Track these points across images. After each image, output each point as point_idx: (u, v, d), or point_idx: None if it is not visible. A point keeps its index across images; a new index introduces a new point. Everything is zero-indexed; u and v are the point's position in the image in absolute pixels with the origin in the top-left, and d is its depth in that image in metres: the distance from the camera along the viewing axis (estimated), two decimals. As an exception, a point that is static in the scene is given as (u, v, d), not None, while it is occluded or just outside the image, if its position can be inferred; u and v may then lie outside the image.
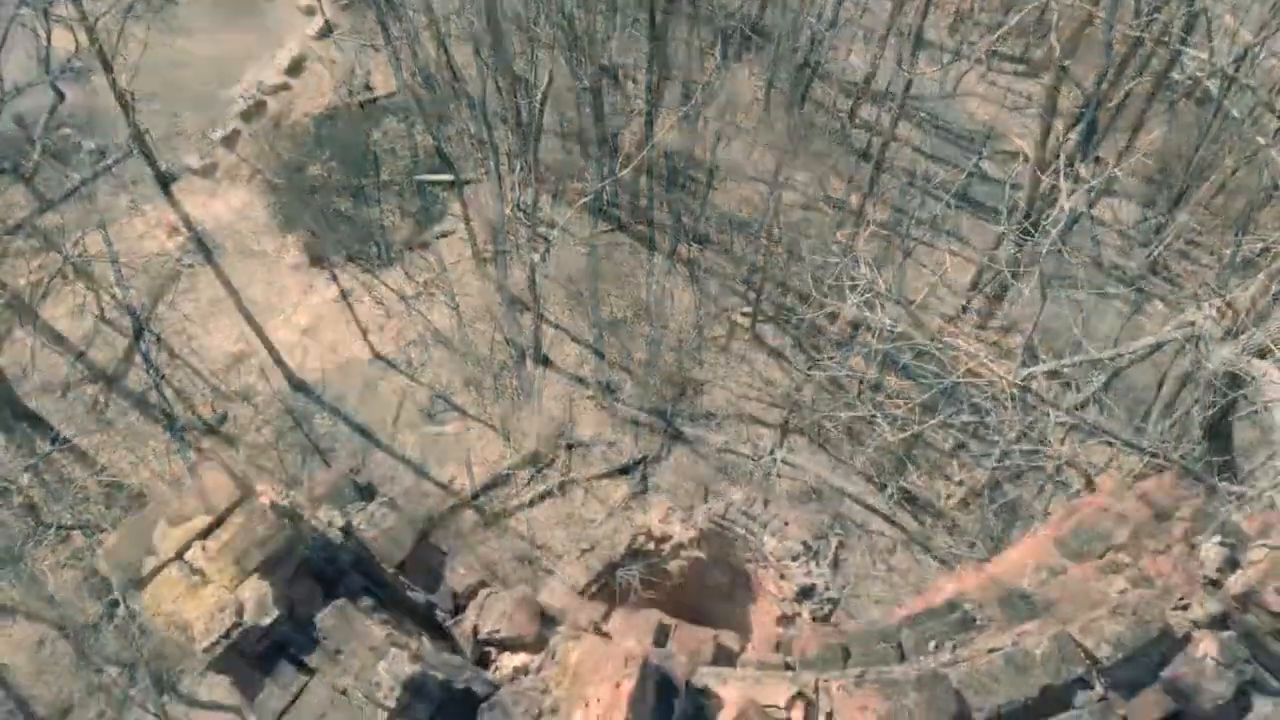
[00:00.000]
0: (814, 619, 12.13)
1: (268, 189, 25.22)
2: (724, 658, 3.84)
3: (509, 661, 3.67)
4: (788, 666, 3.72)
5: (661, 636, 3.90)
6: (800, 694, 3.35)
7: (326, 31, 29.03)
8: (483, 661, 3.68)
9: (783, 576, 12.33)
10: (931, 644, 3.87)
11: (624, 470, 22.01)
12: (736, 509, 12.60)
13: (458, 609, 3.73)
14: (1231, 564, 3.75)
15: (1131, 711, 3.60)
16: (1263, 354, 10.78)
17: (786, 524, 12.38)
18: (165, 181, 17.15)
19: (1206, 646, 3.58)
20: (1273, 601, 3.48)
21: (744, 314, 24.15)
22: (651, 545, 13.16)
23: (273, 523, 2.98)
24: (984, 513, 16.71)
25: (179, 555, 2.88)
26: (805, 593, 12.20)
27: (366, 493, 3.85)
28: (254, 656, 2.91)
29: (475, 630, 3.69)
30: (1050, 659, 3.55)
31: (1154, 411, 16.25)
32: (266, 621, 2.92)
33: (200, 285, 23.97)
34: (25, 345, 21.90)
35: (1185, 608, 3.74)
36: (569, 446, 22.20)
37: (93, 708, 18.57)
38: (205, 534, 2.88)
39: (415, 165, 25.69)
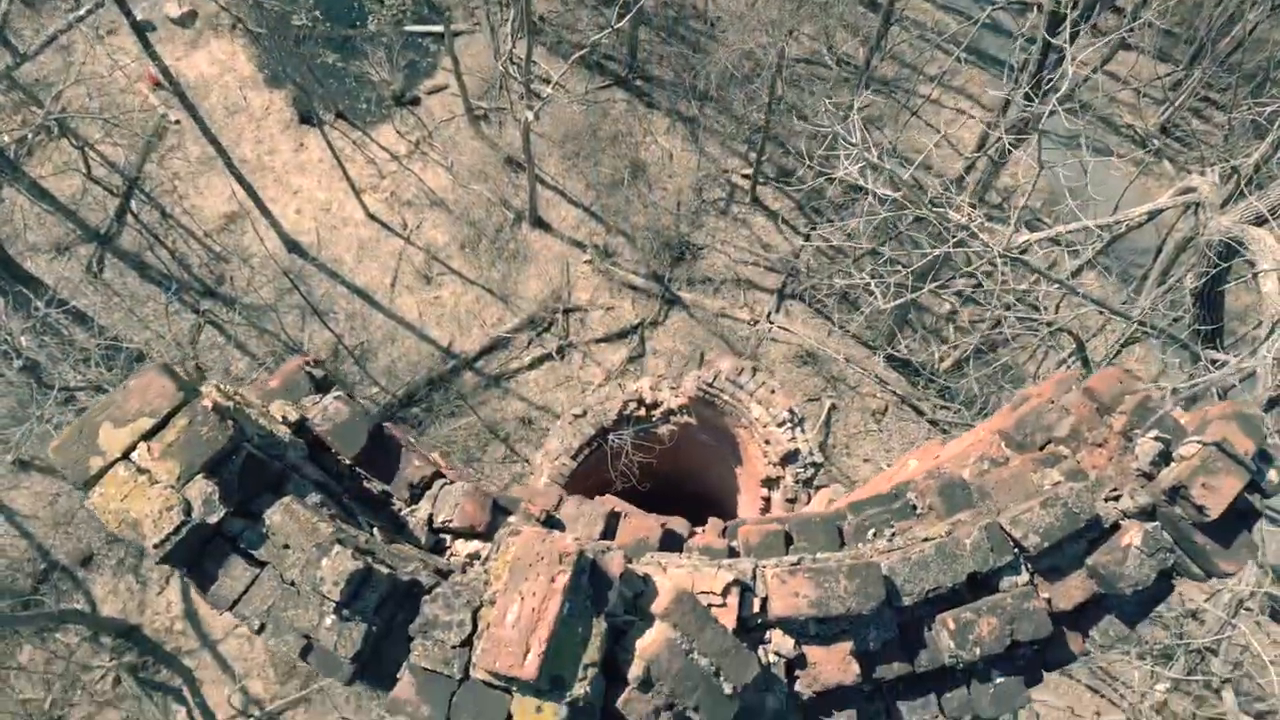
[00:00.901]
0: (797, 481, 12.50)
1: (251, 40, 24.32)
2: (672, 544, 4.02)
3: (463, 548, 3.83)
4: (732, 553, 3.90)
5: (612, 523, 4.07)
6: (736, 581, 3.51)
7: None
8: (439, 548, 3.86)
9: (768, 442, 12.62)
10: (870, 531, 4.01)
11: (622, 335, 22.22)
12: (725, 377, 12.76)
13: (413, 499, 3.88)
14: (1165, 458, 3.84)
15: (1055, 594, 3.77)
16: (1260, 221, 10.61)
17: (773, 392, 12.57)
18: (141, 31, 16.47)
19: (1132, 536, 3.71)
20: (1199, 495, 3.58)
21: (744, 176, 23.68)
22: (642, 411, 13.40)
23: (215, 424, 3.06)
24: (972, 376, 16.96)
25: (125, 455, 2.97)
26: (789, 458, 12.52)
27: (322, 385, 3.91)
28: (204, 551, 3.05)
29: (430, 519, 3.84)
30: (979, 548, 3.69)
31: (1149, 277, 16.14)
32: (214, 519, 3.04)
33: (188, 143, 23.53)
34: (15, 204, 21.72)
35: (1116, 499, 3.86)
36: (566, 311, 22.31)
37: (113, 556, 19.52)
38: (151, 435, 2.96)
39: (404, 15, 24.63)
